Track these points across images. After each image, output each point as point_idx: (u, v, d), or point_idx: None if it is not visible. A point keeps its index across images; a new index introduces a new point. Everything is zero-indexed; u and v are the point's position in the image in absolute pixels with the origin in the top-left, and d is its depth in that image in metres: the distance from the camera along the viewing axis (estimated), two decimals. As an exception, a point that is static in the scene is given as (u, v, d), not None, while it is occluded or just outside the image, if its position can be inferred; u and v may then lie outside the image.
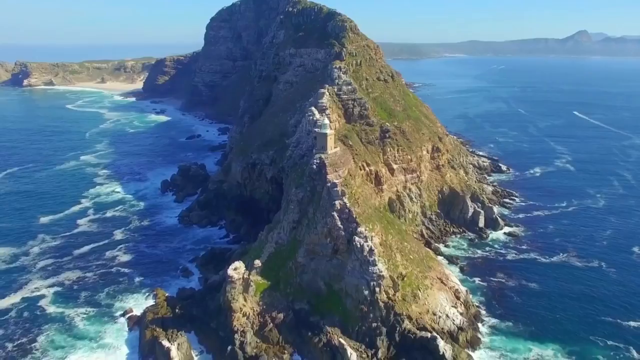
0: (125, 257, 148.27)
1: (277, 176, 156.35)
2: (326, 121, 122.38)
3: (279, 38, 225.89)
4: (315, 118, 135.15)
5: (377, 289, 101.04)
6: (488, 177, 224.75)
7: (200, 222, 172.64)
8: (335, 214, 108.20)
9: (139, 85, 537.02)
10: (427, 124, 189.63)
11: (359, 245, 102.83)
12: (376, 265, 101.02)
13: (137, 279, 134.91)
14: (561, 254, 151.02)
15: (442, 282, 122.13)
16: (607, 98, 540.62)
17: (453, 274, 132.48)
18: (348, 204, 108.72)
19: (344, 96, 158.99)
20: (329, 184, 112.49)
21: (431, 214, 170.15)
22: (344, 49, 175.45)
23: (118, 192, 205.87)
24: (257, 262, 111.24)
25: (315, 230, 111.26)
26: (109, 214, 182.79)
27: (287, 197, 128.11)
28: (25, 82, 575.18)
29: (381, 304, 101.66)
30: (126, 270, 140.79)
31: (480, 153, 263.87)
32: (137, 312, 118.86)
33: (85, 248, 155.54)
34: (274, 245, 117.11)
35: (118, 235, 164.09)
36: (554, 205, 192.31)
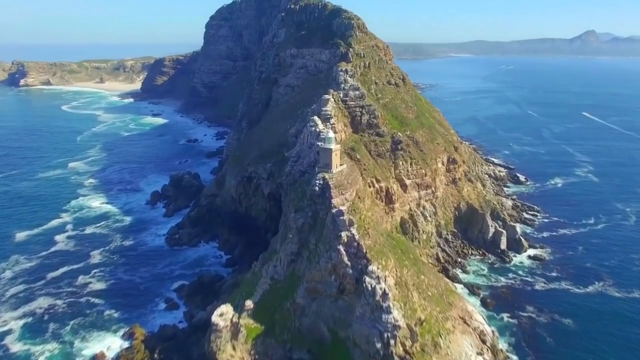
0: (100, 285, 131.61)
1: (276, 192, 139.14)
2: (331, 134, 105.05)
3: (279, 37, 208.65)
4: (318, 129, 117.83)
5: (392, 341, 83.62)
6: (505, 189, 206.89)
7: (191, 242, 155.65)
8: (341, 247, 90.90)
9: (138, 85, 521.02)
10: (441, 132, 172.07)
11: (370, 288, 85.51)
12: (391, 312, 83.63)
13: (111, 312, 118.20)
14: (596, 283, 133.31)
15: (465, 322, 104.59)
16: (620, 100, 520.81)
17: (476, 308, 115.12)
18: (357, 236, 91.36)
19: (351, 102, 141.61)
20: (334, 211, 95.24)
21: (447, 234, 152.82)
22: (351, 50, 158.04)
23: (103, 204, 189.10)
24: (249, 304, 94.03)
25: (318, 266, 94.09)
26: (89, 230, 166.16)
27: (285, 221, 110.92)
28: (22, 81, 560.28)
29: (397, 359, 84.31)
30: (100, 300, 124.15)
31: (495, 161, 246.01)
32: (110, 355, 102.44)
33: (60, 270, 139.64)
34: (269, 282, 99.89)
35: (95, 256, 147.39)
36: (580, 221, 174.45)
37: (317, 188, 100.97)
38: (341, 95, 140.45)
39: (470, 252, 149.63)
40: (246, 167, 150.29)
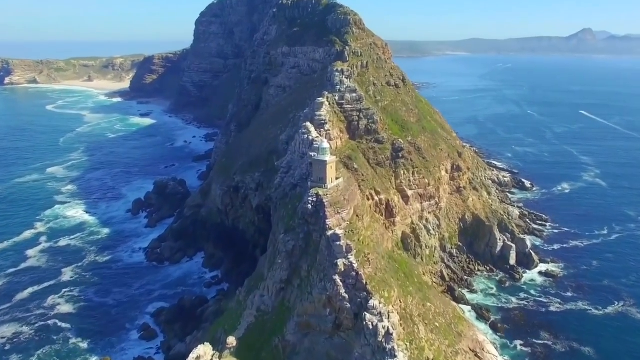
0: (69, 307, 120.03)
1: (265, 205, 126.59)
2: (325, 144, 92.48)
3: (270, 34, 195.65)
4: (311, 137, 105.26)
5: (397, 391, 71.43)
6: (510, 196, 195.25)
7: (173, 258, 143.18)
8: (337, 277, 78.56)
9: (127, 84, 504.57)
10: (444, 137, 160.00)
11: (371, 326, 73.21)
12: (395, 356, 71.32)
13: (79, 341, 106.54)
14: (616, 303, 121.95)
15: (476, 355, 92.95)
16: (621, 99, 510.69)
17: (487, 337, 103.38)
18: (355, 265, 79.01)
19: (348, 106, 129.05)
20: (329, 234, 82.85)
21: (451, 248, 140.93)
22: (347, 48, 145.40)
23: (80, 214, 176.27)
24: (231, 340, 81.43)
25: (310, 297, 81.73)
26: (63, 242, 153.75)
27: (274, 241, 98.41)
28: (7, 80, 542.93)
29: (402, 410, 72.14)
30: (69, 325, 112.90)
31: (499, 165, 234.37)
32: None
33: (29, 291, 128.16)
34: (255, 313, 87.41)
35: (67, 274, 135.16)
36: (592, 232, 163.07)
37: (309, 206, 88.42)
38: (337, 97, 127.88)
39: (476, 268, 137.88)
40: (233, 176, 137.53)
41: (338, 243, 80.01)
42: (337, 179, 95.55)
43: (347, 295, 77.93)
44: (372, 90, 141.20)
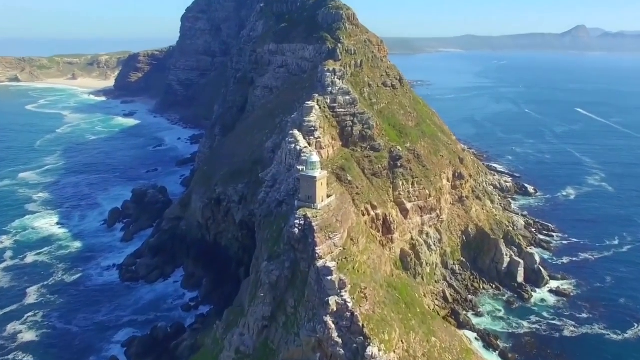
0: (31, 335, 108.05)
1: (249, 220, 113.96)
2: (314, 158, 79.96)
3: (257, 31, 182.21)
4: (298, 147, 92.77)
5: None
6: (513, 202, 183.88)
7: (149, 276, 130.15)
8: (329, 319, 66.27)
9: (113, 82, 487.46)
10: (444, 142, 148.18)
11: (369, 381, 60.94)
12: (399, 419, 59.16)
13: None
14: (635, 325, 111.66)
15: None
16: (620, 97, 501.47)
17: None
18: (350, 304, 66.76)
19: (340, 110, 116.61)
20: (318, 265, 70.54)
21: (454, 264, 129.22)
22: (339, 45, 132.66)
23: (50, 225, 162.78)
24: (204, 392, 68.92)
25: (298, 340, 69.50)
26: (29, 258, 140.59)
27: (257, 268, 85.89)
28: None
29: None
30: (30, 358, 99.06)
31: (499, 168, 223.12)
32: None
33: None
34: (234, 356, 74.82)
35: (31, 295, 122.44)
36: (602, 242, 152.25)
37: (296, 230, 75.94)
38: (328, 101, 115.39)
39: (481, 287, 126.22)
40: (214, 188, 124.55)
41: (329, 278, 67.66)
42: (328, 196, 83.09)
43: (340, 340, 65.74)
44: (367, 91, 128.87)
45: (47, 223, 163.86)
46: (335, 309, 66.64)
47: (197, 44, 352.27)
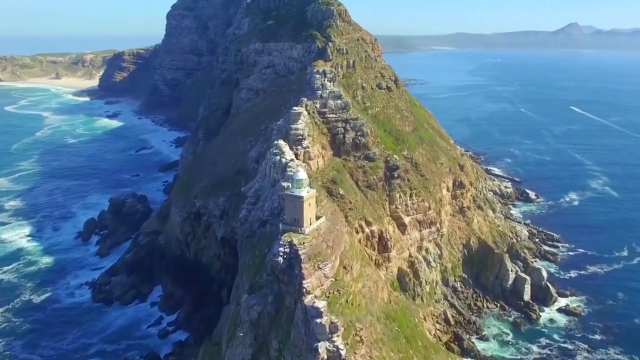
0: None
1: (231, 238, 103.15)
2: (301, 174, 69.44)
3: (242, 29, 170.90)
4: (284, 160, 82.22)
5: None
6: (514, 208, 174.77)
7: (124, 297, 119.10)
8: (318, 370, 55.74)
9: (98, 81, 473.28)
10: (443, 147, 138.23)
11: None
12: None
13: None
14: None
15: None
16: (616, 96, 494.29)
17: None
18: (343, 352, 56.36)
19: (331, 115, 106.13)
20: (306, 301, 60.24)
21: (455, 281, 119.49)
22: (330, 44, 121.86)
23: (21, 237, 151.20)
24: None
25: (281, 392, 58.85)
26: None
27: (237, 298, 75.35)
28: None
29: None
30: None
31: (498, 172, 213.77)
32: None
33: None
34: (207, 409, 64.17)
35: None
36: (611, 253, 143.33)
37: (280, 259, 65.42)
38: (317, 105, 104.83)
39: (485, 306, 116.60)
40: (193, 201, 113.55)
41: (319, 321, 57.22)
42: (317, 217, 72.59)
43: (332, 396, 55.29)
44: (360, 94, 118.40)
45: (16, 235, 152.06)
46: (325, 357, 56.23)
47: (183, 43, 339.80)
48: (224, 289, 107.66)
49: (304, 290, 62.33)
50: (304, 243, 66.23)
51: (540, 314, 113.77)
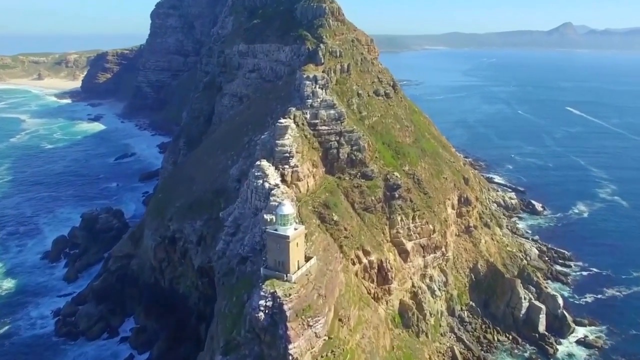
0: None
1: (209, 268, 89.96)
2: (287, 209, 56.59)
3: (226, 28, 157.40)
4: (267, 185, 69.16)
5: None
6: (520, 221, 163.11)
7: (91, 330, 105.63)
8: None
9: (81, 82, 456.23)
10: (446, 159, 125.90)
11: None
12: None
13: None
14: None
15: None
16: (615, 97, 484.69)
17: None
18: None
19: (323, 127, 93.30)
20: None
21: (461, 310, 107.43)
22: (322, 46, 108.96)
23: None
24: None
25: None
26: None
27: (210, 354, 62.22)
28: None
29: None
30: None
31: (500, 180, 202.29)
32: None
33: None
34: None
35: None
36: (628, 273, 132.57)
37: (261, 315, 52.43)
38: (307, 116, 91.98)
39: (496, 338, 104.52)
40: (167, 224, 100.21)
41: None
42: (307, 259, 59.65)
43: None
44: (356, 102, 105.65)
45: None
46: None
47: (168, 43, 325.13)
48: (202, 323, 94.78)
49: (291, 357, 49.45)
50: (289, 295, 53.41)
51: (557, 347, 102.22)
